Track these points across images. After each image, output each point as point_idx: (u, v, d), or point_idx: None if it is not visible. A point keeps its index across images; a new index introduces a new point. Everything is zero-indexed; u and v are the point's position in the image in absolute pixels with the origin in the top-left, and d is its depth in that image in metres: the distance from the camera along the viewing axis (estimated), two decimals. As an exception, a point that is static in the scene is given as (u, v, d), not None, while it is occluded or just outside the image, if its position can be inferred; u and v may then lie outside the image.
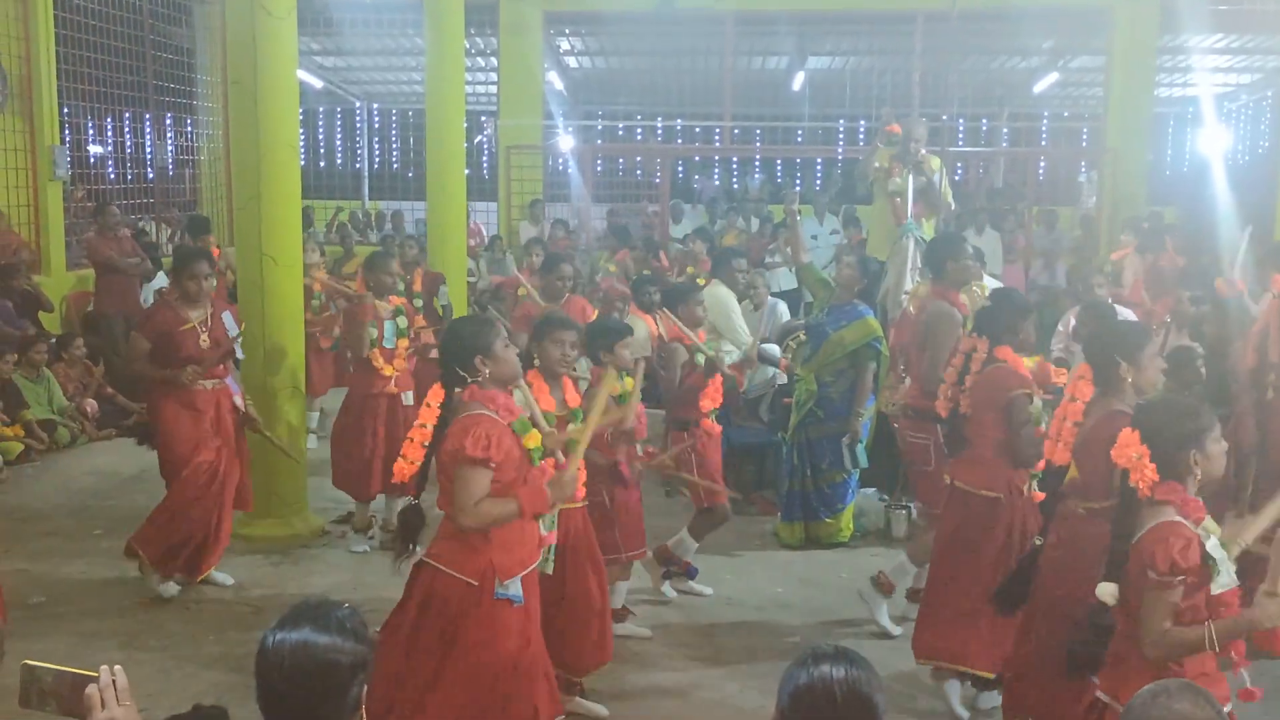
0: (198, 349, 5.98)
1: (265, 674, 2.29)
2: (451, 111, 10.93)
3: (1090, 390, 4.04)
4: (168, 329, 5.98)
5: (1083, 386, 4.07)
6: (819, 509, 7.12)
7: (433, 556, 3.93)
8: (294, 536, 7.01)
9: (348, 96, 20.66)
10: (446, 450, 3.83)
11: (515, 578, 3.87)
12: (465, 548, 3.86)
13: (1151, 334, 4.17)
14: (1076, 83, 18.76)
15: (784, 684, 2.34)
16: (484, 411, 3.86)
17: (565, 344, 4.76)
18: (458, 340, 3.97)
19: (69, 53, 11.77)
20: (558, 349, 4.74)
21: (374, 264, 7.06)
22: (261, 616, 5.86)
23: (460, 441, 3.75)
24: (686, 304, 6.40)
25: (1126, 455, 3.38)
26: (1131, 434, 3.39)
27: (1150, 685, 2.41)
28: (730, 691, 5.20)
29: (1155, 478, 3.31)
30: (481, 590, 3.83)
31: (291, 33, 6.95)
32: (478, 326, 4.06)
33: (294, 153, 7.10)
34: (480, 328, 4.04)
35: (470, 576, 3.84)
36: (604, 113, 20.77)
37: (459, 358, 3.92)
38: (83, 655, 5.31)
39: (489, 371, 3.92)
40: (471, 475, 3.75)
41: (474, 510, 3.76)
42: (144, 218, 13.67)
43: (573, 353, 4.80)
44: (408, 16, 15.22)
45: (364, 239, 16.48)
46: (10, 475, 8.00)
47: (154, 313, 6.16)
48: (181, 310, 6.00)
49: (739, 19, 15.34)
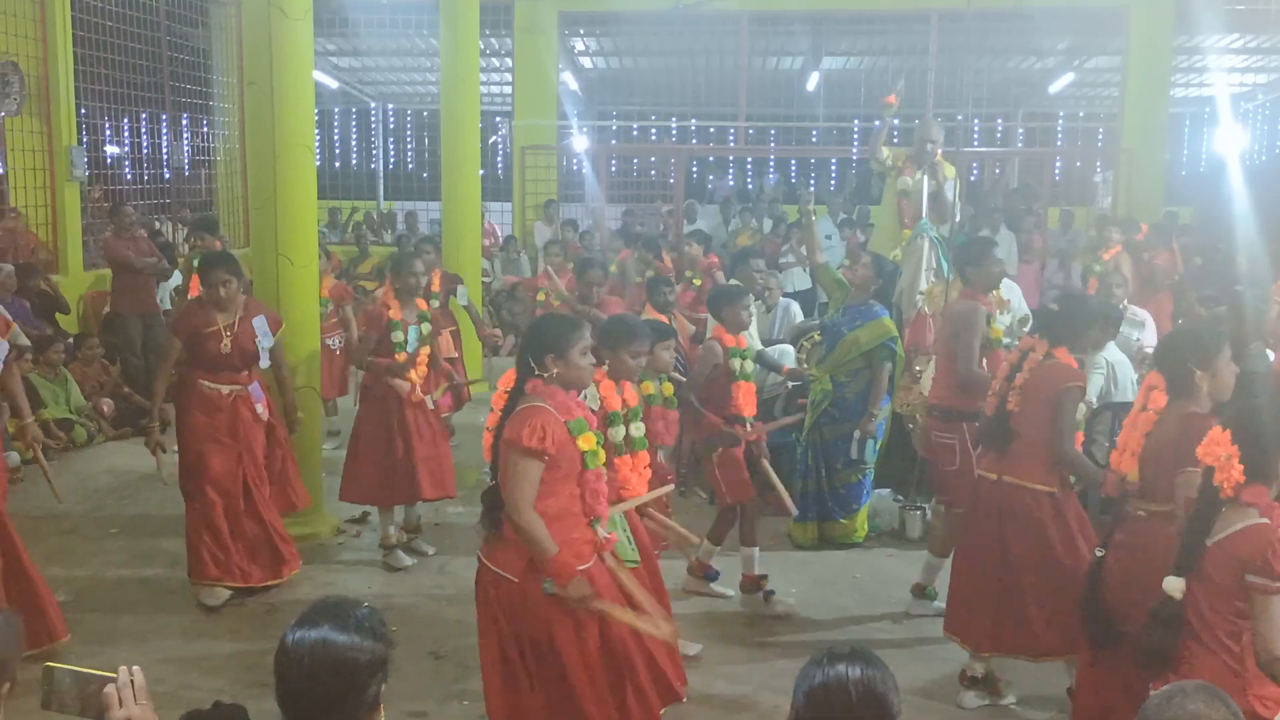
0: (218, 352, 6.00)
1: (284, 672, 2.30)
2: (466, 112, 10.95)
3: (1163, 399, 3.99)
4: (195, 329, 6.01)
5: (1155, 396, 4.02)
6: (834, 509, 7.12)
7: (484, 551, 4.02)
8: (310, 535, 7.02)
9: (363, 97, 20.72)
10: (504, 439, 3.88)
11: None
12: (507, 544, 3.92)
13: (1225, 339, 4.13)
14: (1092, 83, 18.71)
15: (799, 683, 2.34)
16: (541, 404, 3.90)
17: (641, 358, 4.88)
18: (540, 334, 4.03)
19: (86, 54, 11.83)
20: (634, 361, 4.85)
21: (399, 266, 6.90)
22: (277, 615, 5.89)
23: (517, 431, 3.81)
24: (732, 307, 6.29)
25: (1214, 454, 3.38)
26: (1222, 433, 3.38)
27: (1166, 687, 2.42)
28: (745, 691, 5.20)
29: (1241, 479, 3.31)
30: (525, 588, 3.86)
31: (307, 34, 6.97)
32: (563, 327, 4.08)
33: (310, 153, 7.12)
34: (564, 329, 4.05)
35: (512, 574, 3.88)
36: (618, 113, 20.79)
37: (535, 351, 3.98)
38: (100, 653, 5.35)
39: (557, 372, 3.97)
40: (524, 465, 3.80)
41: (526, 512, 3.80)
42: (160, 218, 13.73)
43: (638, 362, 4.91)
44: (423, 17, 15.27)
45: (379, 239, 16.54)
46: (28, 474, 8.03)
47: (185, 312, 6.17)
48: (211, 313, 6.03)
49: (754, 19, 15.35)
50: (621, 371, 4.87)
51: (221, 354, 5.99)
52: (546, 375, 3.96)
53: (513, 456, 3.82)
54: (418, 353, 6.79)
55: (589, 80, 19.28)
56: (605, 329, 4.97)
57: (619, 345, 4.82)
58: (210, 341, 5.97)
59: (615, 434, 4.83)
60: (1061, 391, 4.78)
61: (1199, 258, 11.85)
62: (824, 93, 18.36)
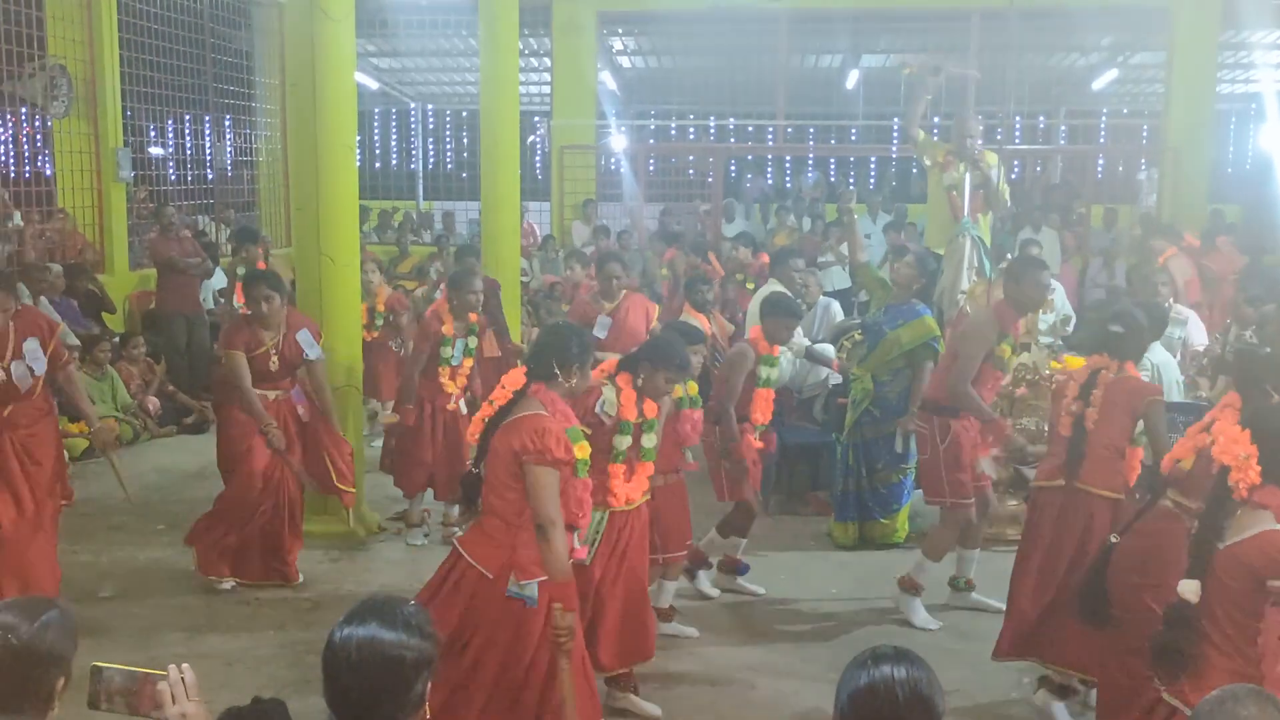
0: (267, 370, 6.12)
1: (332, 669, 2.32)
2: (505, 112, 10.97)
3: (1235, 417, 3.90)
4: (245, 350, 6.12)
5: (1229, 415, 3.94)
6: (874, 509, 7.09)
7: (462, 541, 4.07)
8: (352, 532, 7.08)
9: (403, 98, 20.83)
10: (517, 447, 3.87)
11: (533, 580, 3.90)
12: (489, 540, 3.96)
13: None
14: (1136, 79, 18.49)
15: (843, 685, 2.33)
16: (542, 412, 3.94)
17: (671, 383, 4.91)
18: (564, 343, 4.12)
19: (131, 56, 11.97)
20: (664, 382, 4.86)
21: (458, 284, 7.02)
22: (320, 612, 5.93)
23: (542, 443, 3.83)
24: (780, 320, 6.25)
25: (1232, 453, 3.33)
26: (1242, 432, 3.34)
27: (1217, 691, 2.39)
28: (786, 691, 5.19)
29: (1258, 480, 3.26)
30: (496, 585, 3.91)
31: (349, 35, 7.02)
32: (588, 340, 4.27)
33: (351, 153, 7.18)
34: (587, 341, 4.25)
35: (487, 569, 3.92)
36: (657, 112, 20.76)
37: (561, 358, 4.06)
38: (147, 648, 5.41)
39: (574, 383, 4.10)
40: (551, 477, 3.85)
41: (560, 525, 3.86)
42: (203, 218, 13.88)
43: (669, 387, 4.93)
44: (462, 18, 15.32)
45: (418, 239, 16.62)
46: (75, 471, 8.14)
47: (233, 331, 6.22)
48: (258, 332, 6.12)
49: (793, 17, 15.28)
50: (651, 390, 4.88)
51: (270, 370, 6.13)
52: (564, 384, 4.05)
53: (539, 470, 3.84)
54: (462, 363, 7.05)
55: (627, 79, 19.28)
56: (652, 347, 5.02)
57: (659, 366, 4.84)
58: (259, 361, 6.11)
59: (620, 442, 4.84)
60: (1147, 404, 4.83)
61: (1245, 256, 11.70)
62: (863, 91, 18.24)
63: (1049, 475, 5.02)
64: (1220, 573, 3.31)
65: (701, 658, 5.49)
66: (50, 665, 2.47)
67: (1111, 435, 4.84)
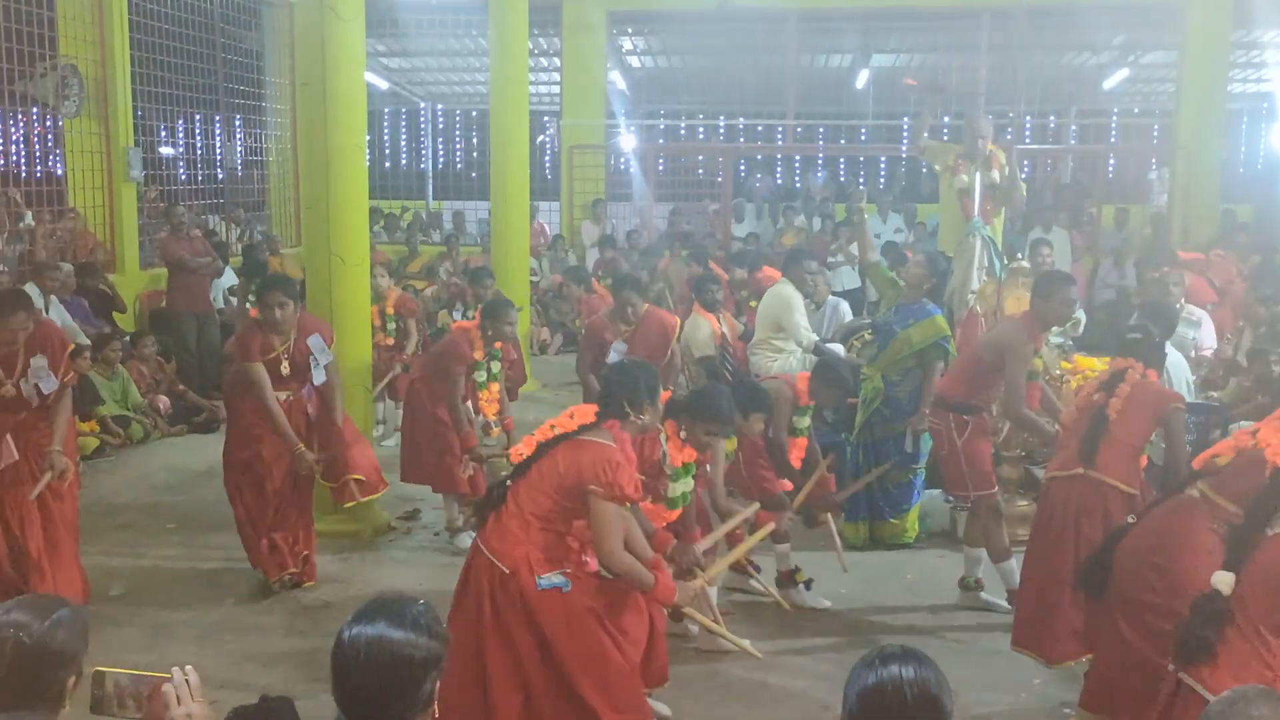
0: (279, 375, 6.12)
1: (341, 667, 2.33)
2: (515, 111, 10.99)
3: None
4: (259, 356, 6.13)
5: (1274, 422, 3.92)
6: (884, 509, 7.07)
7: (482, 537, 4.14)
8: (361, 532, 7.09)
9: (412, 97, 20.86)
10: (588, 476, 3.94)
11: (554, 571, 4.00)
12: (505, 533, 4.03)
13: None
14: (1147, 78, 18.43)
15: (851, 684, 2.32)
16: (612, 444, 4.02)
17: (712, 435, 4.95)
18: (634, 381, 4.22)
19: (142, 56, 12.00)
20: (703, 434, 4.92)
21: (495, 315, 6.99)
22: (331, 611, 5.94)
23: (614, 478, 3.91)
24: (829, 390, 6.16)
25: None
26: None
27: (1228, 691, 2.38)
28: (795, 691, 5.18)
29: None
30: (514, 578, 3.98)
31: (359, 35, 7.03)
32: (653, 375, 4.33)
33: (361, 153, 7.18)
34: (657, 379, 4.33)
35: (506, 564, 3.99)
36: (666, 112, 20.77)
37: (634, 396, 4.17)
38: (157, 647, 5.43)
39: (646, 420, 4.22)
40: (617, 513, 3.96)
41: (621, 554, 3.96)
42: (213, 217, 13.93)
43: (709, 440, 4.98)
44: (472, 18, 15.35)
45: (428, 239, 16.66)
46: (86, 470, 8.17)
47: (248, 341, 6.18)
48: (269, 337, 6.13)
49: (802, 16, 15.28)
50: (693, 442, 4.96)
51: (281, 375, 6.13)
52: (636, 422, 4.17)
53: (607, 506, 3.94)
54: (489, 388, 7.19)
55: (637, 79, 19.28)
56: (695, 399, 5.06)
57: (699, 420, 4.91)
58: (270, 365, 6.11)
59: (675, 488, 4.98)
60: (1169, 411, 4.91)
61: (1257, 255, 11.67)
62: (873, 90, 18.22)
63: (1063, 465, 5.03)
64: (1264, 559, 3.36)
65: (710, 657, 5.49)
66: (61, 663, 2.47)
67: (1131, 432, 4.88)
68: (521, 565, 3.99)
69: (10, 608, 2.50)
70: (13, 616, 2.46)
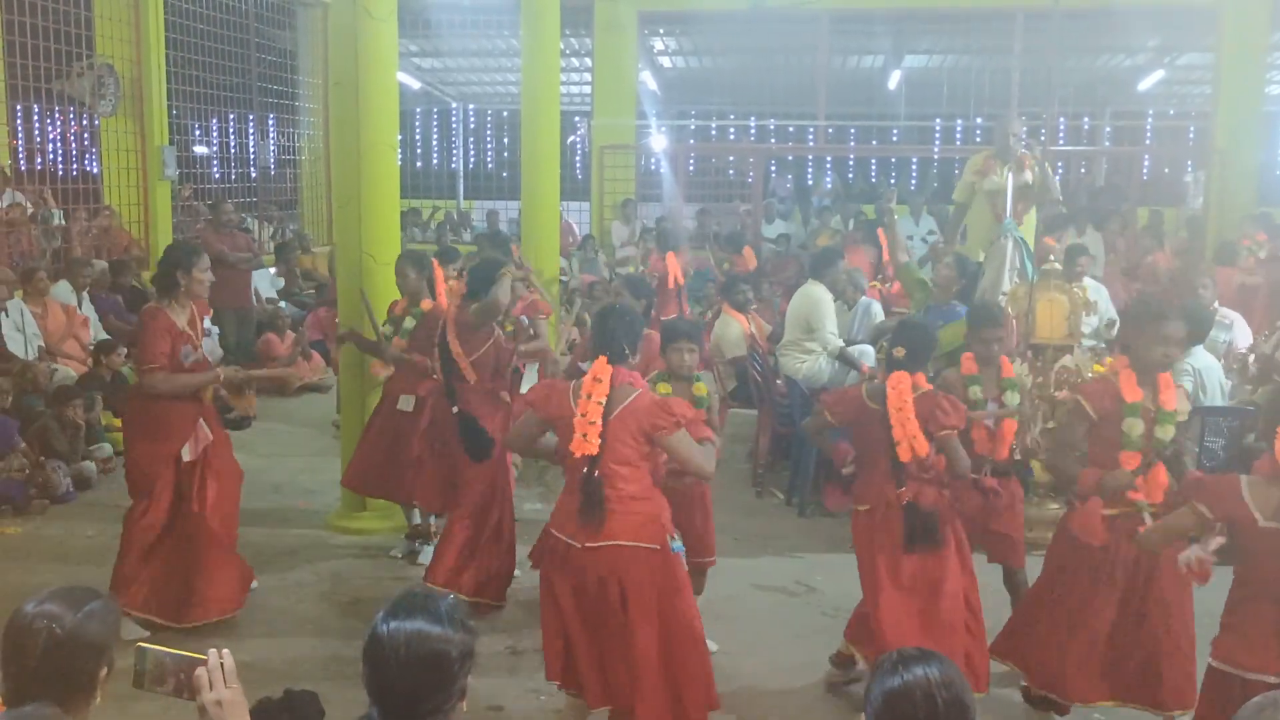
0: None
1: (377, 662, 2.34)
2: (546, 112, 11.00)
3: None
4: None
5: None
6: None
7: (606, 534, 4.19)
8: (390, 529, 7.11)
9: (444, 97, 20.94)
10: (648, 427, 4.19)
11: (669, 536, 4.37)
12: (633, 516, 4.20)
13: None
14: (1183, 80, 18.26)
15: (873, 687, 2.31)
16: (642, 390, 4.33)
17: (683, 352, 5.16)
18: (628, 324, 4.42)
19: (177, 56, 12.12)
20: (676, 356, 5.16)
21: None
22: (359, 607, 5.97)
23: (670, 412, 4.21)
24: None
25: None
26: None
27: (1258, 698, 2.36)
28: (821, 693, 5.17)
29: None
30: (665, 554, 4.28)
31: (392, 35, 7.06)
32: (636, 314, 4.64)
33: (393, 152, 7.21)
34: (639, 319, 4.60)
35: (655, 543, 4.24)
36: (697, 112, 20.76)
37: (628, 338, 4.37)
38: (185, 642, 5.42)
39: (635, 360, 4.46)
40: (689, 436, 4.28)
41: (711, 463, 4.41)
42: (246, 216, 14.05)
43: (690, 359, 5.19)
44: (504, 18, 15.39)
45: (459, 238, 16.72)
46: (118, 465, 8.22)
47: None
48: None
49: (834, 17, 15.23)
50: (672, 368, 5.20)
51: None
52: (632, 360, 4.40)
53: (679, 435, 4.22)
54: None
55: (668, 79, 19.28)
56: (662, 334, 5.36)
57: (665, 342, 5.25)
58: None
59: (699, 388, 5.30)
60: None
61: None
62: (905, 92, 18.15)
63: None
64: None
65: (735, 657, 5.47)
66: (93, 654, 2.49)
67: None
68: (661, 536, 4.25)
69: (43, 599, 2.52)
70: (45, 608, 2.49)
